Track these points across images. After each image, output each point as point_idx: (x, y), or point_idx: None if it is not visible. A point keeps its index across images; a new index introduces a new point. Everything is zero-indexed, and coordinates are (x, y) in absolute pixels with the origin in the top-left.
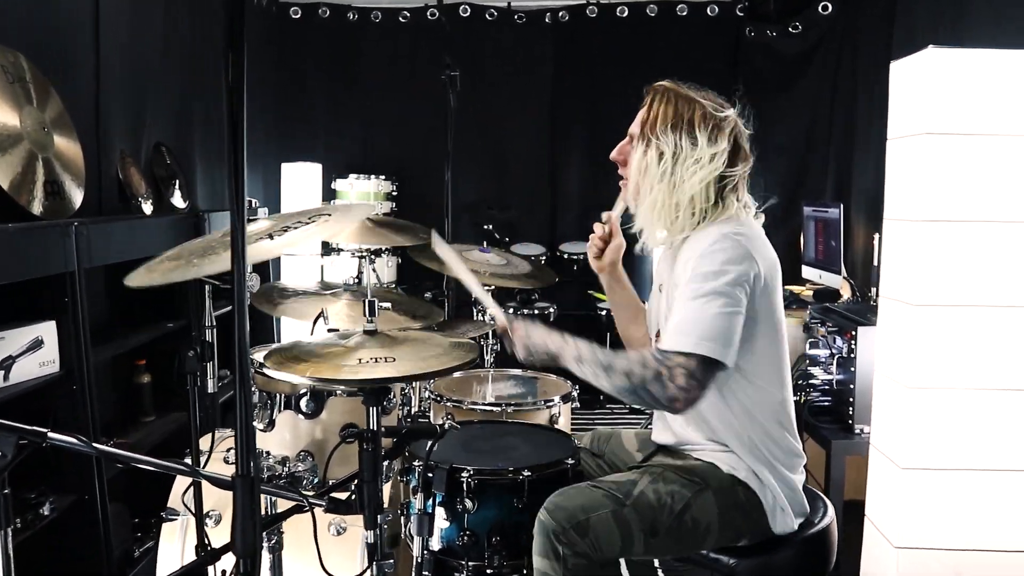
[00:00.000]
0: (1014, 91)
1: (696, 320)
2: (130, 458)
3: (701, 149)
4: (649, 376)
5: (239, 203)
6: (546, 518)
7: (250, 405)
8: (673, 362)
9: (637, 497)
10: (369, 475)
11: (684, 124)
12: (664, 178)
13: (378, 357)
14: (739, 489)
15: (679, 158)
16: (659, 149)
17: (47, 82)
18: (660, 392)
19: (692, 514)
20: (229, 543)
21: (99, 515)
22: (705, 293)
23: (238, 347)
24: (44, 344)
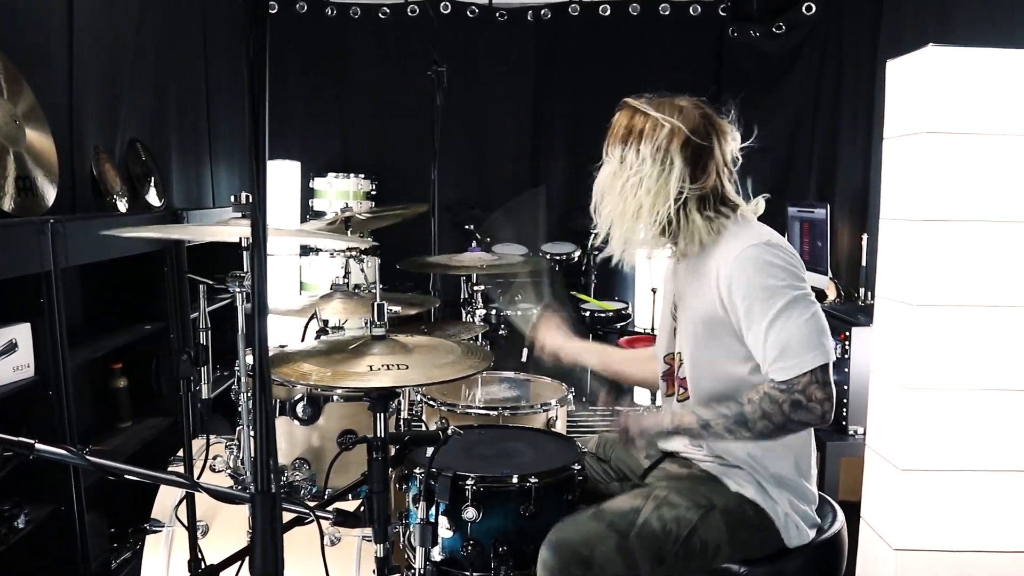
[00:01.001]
0: (1013, 90)
1: (795, 337)
2: (125, 471)
3: (644, 160)
4: (788, 408)
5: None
6: (549, 556)
7: (271, 418)
8: (802, 385)
9: (641, 527)
10: (379, 486)
11: (633, 137)
12: (613, 195)
13: (390, 364)
14: (747, 507)
15: (623, 170)
16: (609, 163)
17: (18, 74)
18: (809, 416)
19: (700, 536)
20: (227, 559)
21: (76, 526)
22: (783, 308)
23: (258, 357)
24: (18, 347)
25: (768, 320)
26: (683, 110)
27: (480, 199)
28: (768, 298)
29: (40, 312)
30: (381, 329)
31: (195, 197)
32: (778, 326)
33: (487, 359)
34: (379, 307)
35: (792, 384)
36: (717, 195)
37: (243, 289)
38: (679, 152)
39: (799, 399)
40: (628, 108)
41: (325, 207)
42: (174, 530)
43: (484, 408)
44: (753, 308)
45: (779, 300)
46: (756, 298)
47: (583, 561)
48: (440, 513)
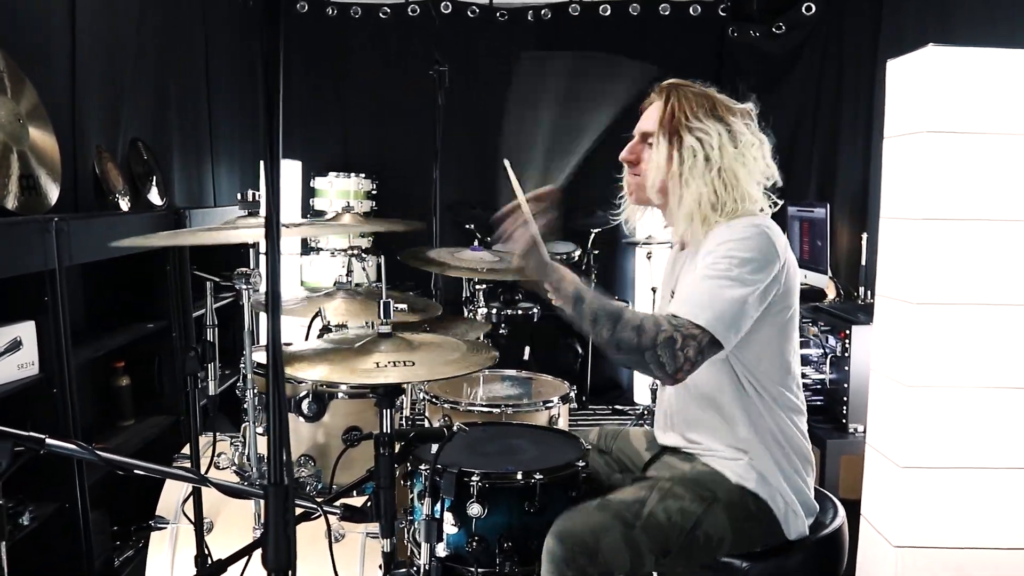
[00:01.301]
0: (1013, 90)
1: (715, 298)
2: (135, 465)
3: (742, 134)
4: (663, 339)
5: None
6: (555, 546)
7: (284, 411)
8: (687, 331)
9: (647, 518)
10: (386, 481)
11: (712, 112)
12: (709, 168)
13: (396, 361)
14: (749, 499)
15: (722, 144)
16: (693, 140)
17: (22, 73)
18: (669, 358)
19: (703, 529)
20: (234, 555)
21: (80, 523)
22: (730, 276)
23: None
24: (23, 345)
25: (711, 274)
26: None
27: (481, 199)
28: (729, 263)
29: (44, 310)
30: (387, 327)
31: (196, 196)
32: (713, 283)
33: (492, 356)
34: (385, 305)
35: (681, 325)
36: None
37: (250, 286)
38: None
39: (675, 338)
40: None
41: (326, 206)
42: (179, 527)
43: (487, 405)
44: (714, 263)
45: (734, 270)
46: (722, 258)
47: (589, 551)
48: (445, 509)
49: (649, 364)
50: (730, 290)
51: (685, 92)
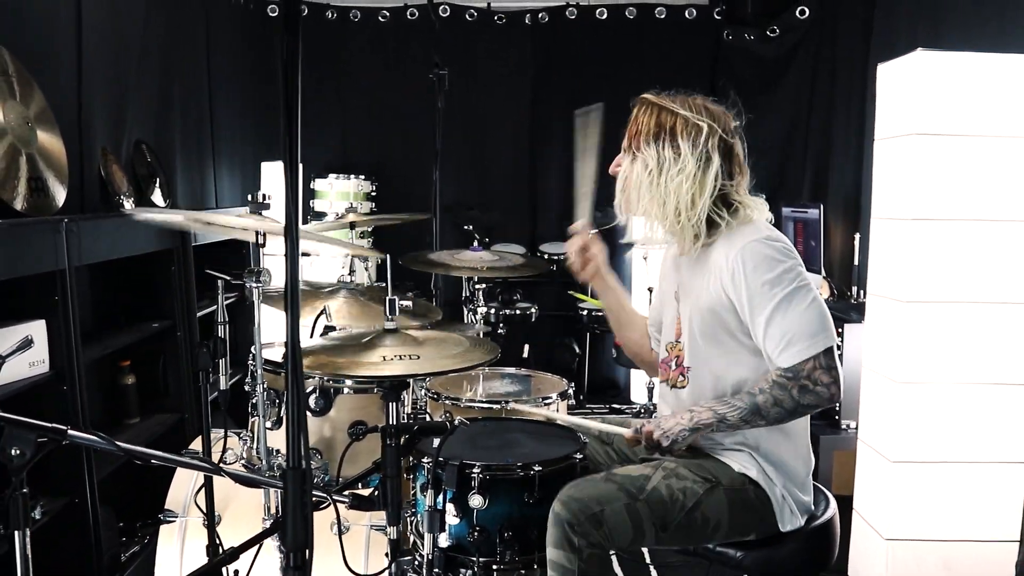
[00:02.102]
0: (999, 93)
1: (797, 325)
2: (152, 455)
3: (685, 158)
4: (796, 393)
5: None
6: (561, 509)
7: (302, 401)
8: (807, 371)
9: (650, 492)
10: (392, 471)
11: (666, 134)
12: (652, 188)
13: (401, 354)
14: (750, 488)
15: (663, 168)
16: (644, 161)
17: (30, 77)
18: (816, 399)
19: (703, 511)
20: (245, 543)
21: (90, 518)
22: (785, 297)
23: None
24: (34, 343)
25: (770, 310)
26: (710, 109)
27: (479, 200)
28: (770, 290)
29: (54, 309)
30: (392, 323)
31: (199, 197)
32: (779, 316)
33: (493, 351)
34: (391, 302)
35: (798, 370)
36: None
37: (259, 284)
38: (716, 150)
39: (806, 384)
40: (652, 105)
41: (326, 208)
42: (187, 520)
43: (487, 402)
44: (756, 300)
45: (780, 291)
46: (758, 291)
47: (594, 517)
48: (447, 501)
49: (808, 412)
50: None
51: (651, 110)
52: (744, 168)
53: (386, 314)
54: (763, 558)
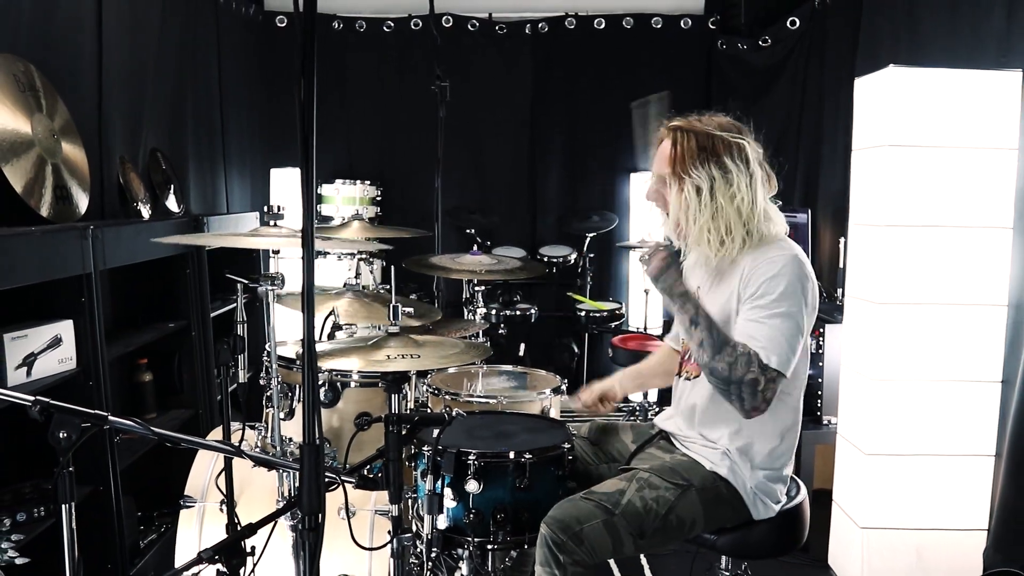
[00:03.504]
0: (967, 107)
1: (783, 339)
2: (181, 439)
3: (733, 175)
4: (748, 379)
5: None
6: (545, 531)
7: (316, 384)
8: (769, 376)
9: (625, 506)
10: (394, 454)
11: (710, 155)
12: (706, 209)
13: (404, 353)
14: (721, 485)
15: (716, 188)
16: (695, 183)
17: (55, 91)
18: (749, 397)
19: (677, 513)
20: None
21: (113, 506)
22: (784, 313)
23: (305, 337)
24: (63, 342)
25: (772, 311)
26: (737, 126)
27: (480, 205)
28: (781, 295)
29: (81, 310)
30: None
31: (211, 202)
32: (778, 321)
33: (486, 351)
34: (394, 308)
35: (767, 370)
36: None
37: (274, 287)
38: (756, 162)
39: (760, 381)
40: (686, 131)
41: (332, 212)
42: (205, 506)
43: (484, 397)
44: (764, 294)
45: (786, 304)
46: (771, 290)
47: (575, 535)
48: (445, 486)
49: (732, 396)
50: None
51: (687, 136)
52: (771, 173)
53: (390, 319)
54: (736, 540)
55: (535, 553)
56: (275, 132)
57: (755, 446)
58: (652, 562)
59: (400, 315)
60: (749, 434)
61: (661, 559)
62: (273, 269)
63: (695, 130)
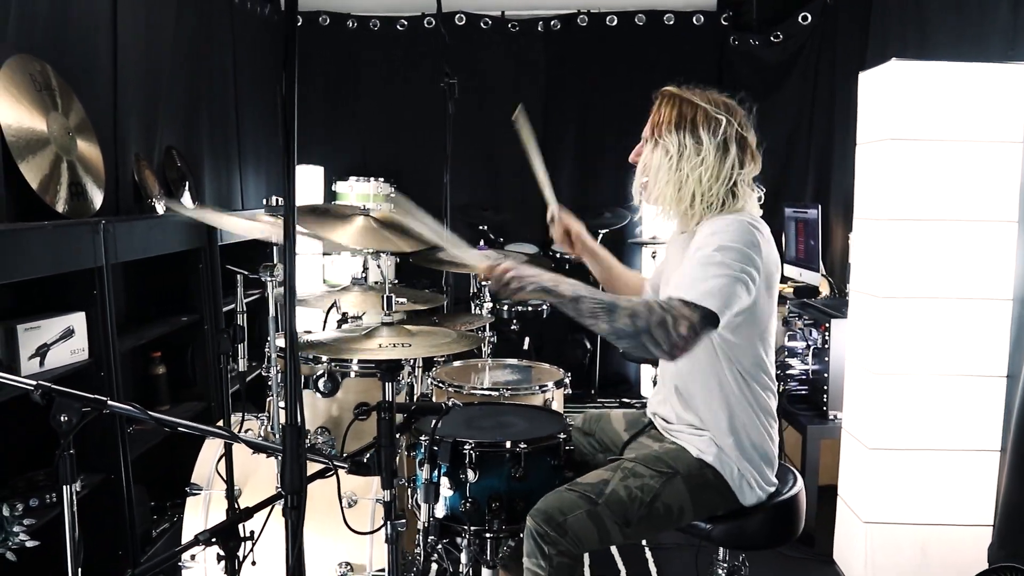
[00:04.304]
0: (971, 100)
1: (703, 279)
2: (177, 423)
3: (705, 148)
4: (655, 321)
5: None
6: (531, 522)
7: (299, 370)
8: (678, 311)
9: (609, 495)
10: (386, 441)
11: (687, 124)
12: (671, 174)
13: (396, 342)
14: (707, 471)
15: (684, 156)
16: (666, 148)
17: (71, 90)
18: (663, 337)
19: (663, 501)
20: (260, 503)
21: (124, 494)
22: (716, 261)
23: (288, 321)
24: (75, 333)
25: (699, 261)
26: (727, 103)
27: (492, 201)
28: (714, 250)
29: (93, 303)
30: (390, 317)
31: (225, 199)
32: (702, 267)
33: (476, 342)
34: (388, 299)
35: (671, 306)
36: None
37: (274, 278)
38: (733, 140)
39: (667, 320)
40: (674, 97)
41: None
42: (211, 493)
43: (487, 389)
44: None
45: (718, 255)
46: (706, 244)
47: (559, 526)
48: (442, 474)
49: (648, 345)
50: (716, 271)
51: (673, 100)
52: (756, 156)
53: (383, 308)
54: (730, 530)
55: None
56: None
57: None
58: (656, 555)
59: (394, 305)
60: (730, 413)
61: (665, 552)
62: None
63: (681, 97)
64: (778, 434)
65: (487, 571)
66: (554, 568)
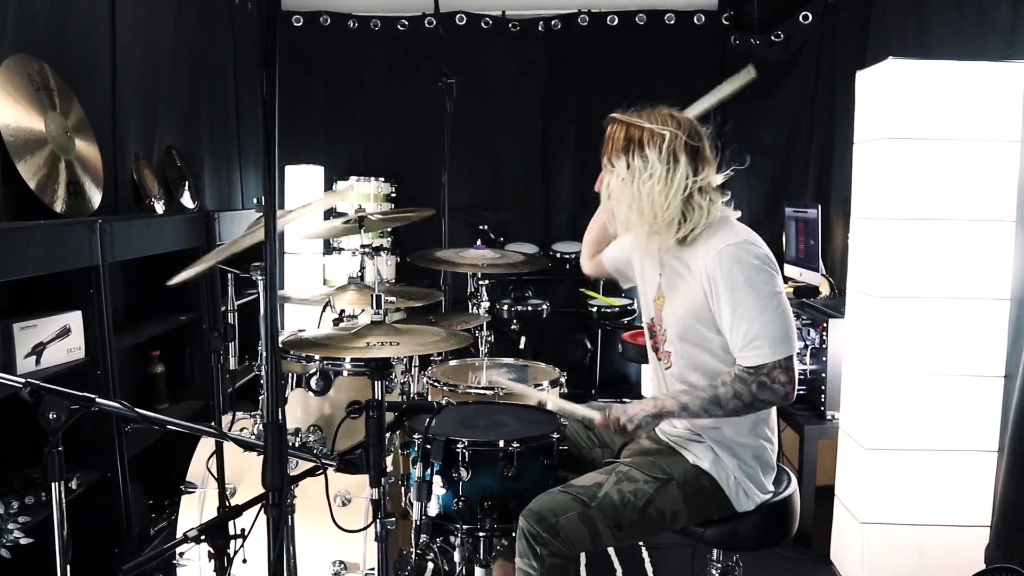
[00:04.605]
0: (968, 99)
1: (765, 328)
2: (165, 421)
3: (651, 164)
4: (755, 389)
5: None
6: (523, 523)
7: (279, 367)
8: (766, 370)
9: (602, 499)
10: (374, 439)
11: (634, 145)
12: (627, 196)
13: (384, 341)
14: (703, 478)
15: (635, 176)
16: (619, 172)
17: (69, 90)
18: (773, 396)
19: (656, 506)
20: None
21: (120, 492)
22: (758, 302)
23: (268, 318)
24: (71, 332)
25: (743, 311)
26: (675, 116)
27: (493, 201)
28: (745, 291)
29: (89, 301)
30: (379, 316)
31: (226, 199)
32: (751, 317)
33: (465, 340)
34: (377, 298)
35: (759, 369)
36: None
37: (264, 277)
38: (682, 151)
39: (765, 381)
40: (619, 122)
41: (347, 209)
42: (206, 491)
43: (482, 388)
44: (732, 299)
45: (754, 294)
46: (735, 291)
47: (551, 527)
48: (435, 473)
49: (765, 408)
50: (767, 313)
51: (619, 126)
52: (710, 161)
53: (372, 307)
54: (724, 532)
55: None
56: (291, 129)
57: (736, 435)
58: (652, 555)
59: (383, 304)
60: (728, 422)
61: (661, 552)
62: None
63: (626, 121)
64: (777, 439)
65: (480, 570)
66: (546, 569)
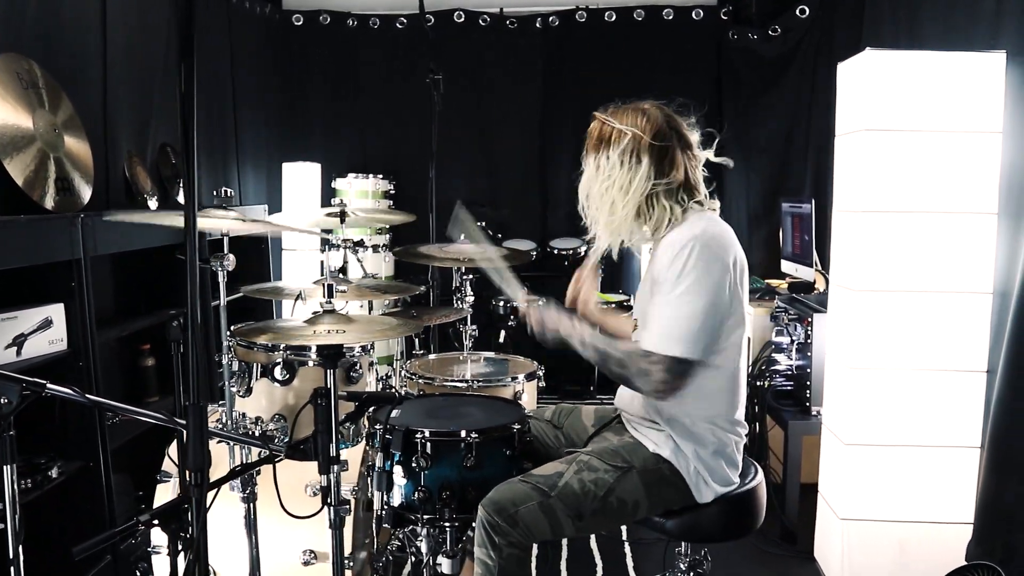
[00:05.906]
0: (949, 90)
1: (670, 322)
2: (118, 408)
3: (613, 162)
4: (634, 370)
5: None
6: (482, 512)
7: (200, 350)
8: (652, 360)
9: (562, 488)
10: (323, 427)
11: (603, 145)
12: (592, 193)
13: (331, 329)
14: (663, 466)
15: (599, 175)
16: (588, 171)
17: (59, 87)
18: (645, 385)
19: (617, 495)
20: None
21: (103, 481)
22: (678, 295)
23: (190, 302)
24: (53, 324)
25: (664, 300)
26: (648, 115)
27: (491, 198)
28: (675, 282)
29: (72, 294)
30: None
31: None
32: (668, 308)
33: (413, 329)
34: (329, 287)
35: (648, 355)
36: (686, 185)
37: (224, 267)
38: (645, 153)
39: (645, 368)
40: (597, 120)
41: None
42: (180, 480)
43: (458, 381)
44: (661, 283)
45: (675, 288)
46: (668, 276)
47: (510, 517)
48: (395, 463)
49: (637, 388)
50: (681, 308)
51: (596, 125)
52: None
53: (324, 296)
54: (685, 523)
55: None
56: (289, 127)
57: (692, 425)
58: (635, 551)
59: (335, 294)
60: (688, 411)
61: (644, 548)
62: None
63: (603, 121)
64: (746, 435)
65: (446, 560)
66: (504, 559)
